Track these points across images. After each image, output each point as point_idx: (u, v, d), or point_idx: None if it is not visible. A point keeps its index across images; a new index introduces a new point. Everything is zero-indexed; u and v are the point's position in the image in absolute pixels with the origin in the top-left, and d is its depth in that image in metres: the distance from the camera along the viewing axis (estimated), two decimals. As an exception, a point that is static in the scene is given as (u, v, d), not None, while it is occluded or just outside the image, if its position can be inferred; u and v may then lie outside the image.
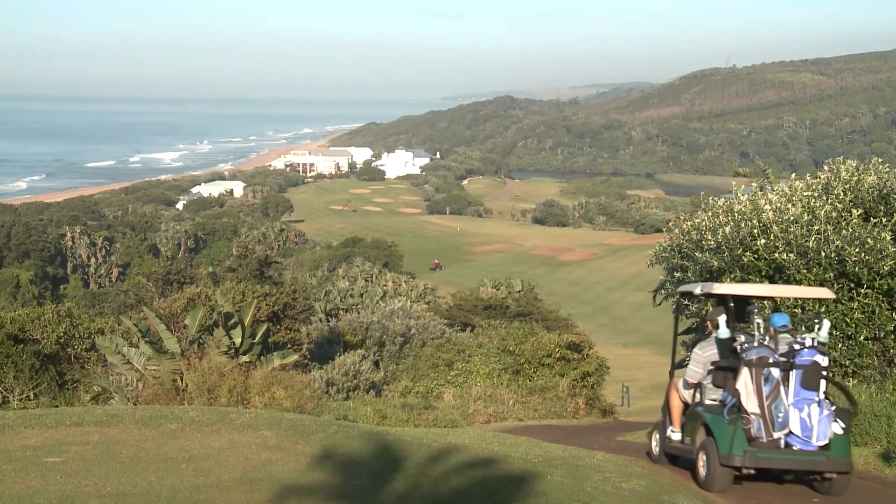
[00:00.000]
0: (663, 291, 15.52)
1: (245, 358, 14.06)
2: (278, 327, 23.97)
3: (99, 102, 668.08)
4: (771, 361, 8.04)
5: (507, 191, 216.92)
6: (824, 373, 8.00)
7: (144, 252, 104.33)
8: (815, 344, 8.07)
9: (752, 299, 9.21)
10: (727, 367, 8.28)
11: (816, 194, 13.83)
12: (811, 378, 7.96)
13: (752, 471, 8.06)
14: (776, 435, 8.01)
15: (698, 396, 8.88)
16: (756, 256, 13.16)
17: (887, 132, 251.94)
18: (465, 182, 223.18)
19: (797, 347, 8.05)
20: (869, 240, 12.25)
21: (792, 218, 13.13)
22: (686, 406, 9.08)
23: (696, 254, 14.25)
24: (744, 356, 8.14)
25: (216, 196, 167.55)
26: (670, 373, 9.61)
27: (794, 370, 7.99)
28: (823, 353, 8.05)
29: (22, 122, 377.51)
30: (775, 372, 8.03)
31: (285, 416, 9.30)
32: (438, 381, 20.95)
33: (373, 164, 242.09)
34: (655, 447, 9.65)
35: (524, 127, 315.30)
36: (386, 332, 32.28)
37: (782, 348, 8.16)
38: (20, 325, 19.60)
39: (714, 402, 8.55)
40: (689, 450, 8.76)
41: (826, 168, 14.67)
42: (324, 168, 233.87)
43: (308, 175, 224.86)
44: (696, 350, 8.86)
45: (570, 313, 52.70)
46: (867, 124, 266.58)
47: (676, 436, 9.18)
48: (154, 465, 7.23)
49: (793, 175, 15.08)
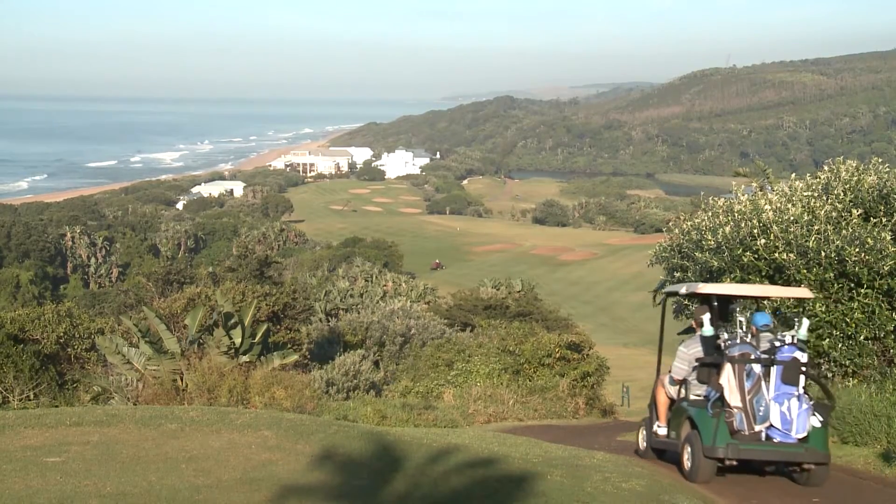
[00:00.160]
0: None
1: (245, 358, 14.06)
2: (278, 327, 23.98)
3: (99, 102, 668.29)
4: (753, 358, 8.35)
5: (507, 191, 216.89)
6: (803, 369, 8.32)
7: (144, 252, 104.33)
8: (795, 341, 8.39)
9: (735, 299, 9.49)
10: (711, 364, 8.58)
11: (816, 194, 13.83)
12: (791, 373, 8.27)
13: (735, 462, 8.34)
14: (757, 428, 8.31)
15: (683, 392, 9.17)
16: (756, 256, 13.16)
17: (887, 132, 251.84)
18: (465, 182, 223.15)
19: (778, 344, 8.37)
20: (869, 240, 12.24)
21: (792, 218, 13.13)
22: (672, 402, 9.37)
23: (696, 254, 14.25)
24: (727, 353, 8.45)
25: (216, 196, 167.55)
26: (657, 370, 9.92)
27: (775, 366, 8.30)
28: (803, 350, 8.37)
29: (23, 122, 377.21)
30: (757, 368, 8.33)
31: (285, 416, 9.30)
32: (438, 381, 20.95)
33: (373, 164, 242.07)
34: (642, 442, 9.97)
35: (524, 127, 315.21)
36: (386, 332, 32.28)
37: (764, 346, 8.46)
38: (20, 325, 19.60)
39: (698, 398, 8.84)
40: (675, 443, 9.03)
41: (826, 168, 14.66)
42: (324, 168, 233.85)
43: (308, 175, 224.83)
44: (681, 347, 9.17)
45: (570, 313, 52.70)
46: (867, 124, 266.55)
47: (662, 431, 9.46)
48: (154, 466, 7.23)
49: (793, 175, 15.07)
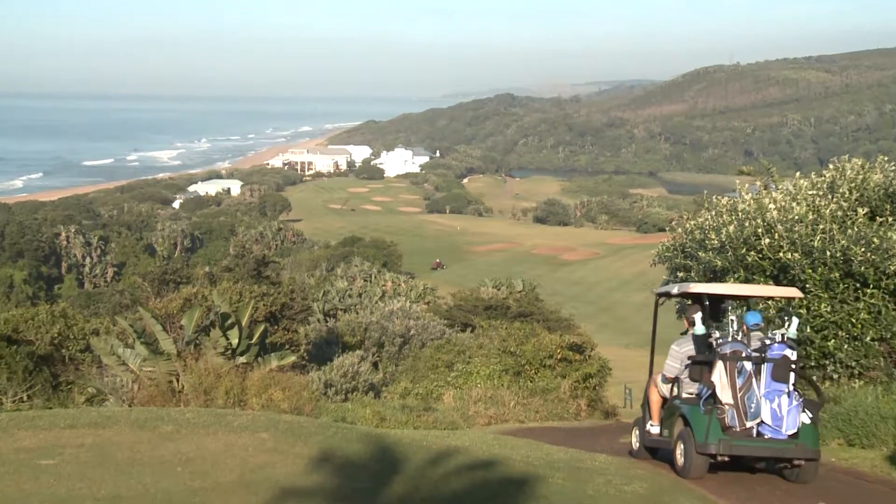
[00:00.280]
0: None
1: (242, 359, 14.04)
2: (276, 328, 23.97)
3: (97, 99, 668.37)
4: (744, 355, 8.60)
5: (508, 189, 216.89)
6: (793, 366, 8.57)
7: (140, 252, 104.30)
8: (785, 339, 8.64)
9: (726, 298, 9.73)
10: (703, 362, 8.86)
11: (821, 193, 13.82)
12: (781, 371, 8.52)
13: (727, 458, 8.61)
14: (749, 424, 8.54)
15: (676, 391, 9.44)
16: (760, 256, 13.16)
17: (893, 130, 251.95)
18: (466, 181, 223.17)
19: (768, 343, 8.64)
20: (875, 239, 12.24)
21: (796, 217, 13.13)
22: (664, 401, 9.62)
23: (700, 253, 14.25)
24: (718, 350, 8.70)
25: (213, 195, 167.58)
26: (650, 370, 10.21)
27: (766, 364, 8.55)
28: (793, 348, 8.62)
29: (19, 120, 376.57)
30: (748, 365, 8.57)
31: (283, 418, 9.29)
32: (438, 383, 20.95)
33: (372, 163, 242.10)
34: (635, 442, 10.21)
35: (525, 125, 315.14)
36: (385, 333, 32.26)
37: (755, 344, 8.73)
38: (14, 326, 19.57)
39: (691, 396, 9.13)
40: (668, 441, 9.28)
41: (831, 166, 14.67)
42: (322, 166, 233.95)
43: (306, 174, 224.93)
44: (674, 346, 9.41)
45: (572, 314, 52.65)
46: (873, 122, 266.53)
47: (655, 429, 9.68)
48: (149, 468, 7.22)
49: (797, 173, 15.07)
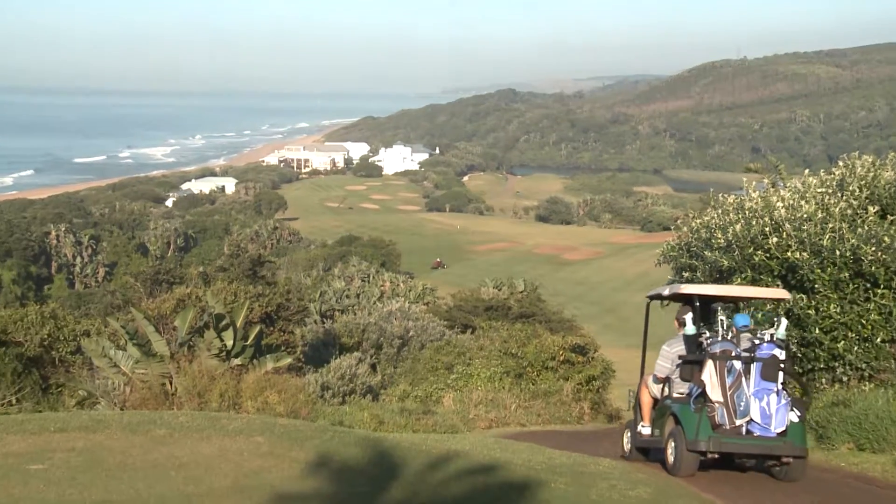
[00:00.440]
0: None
1: (237, 361, 14.04)
2: (271, 329, 23.96)
3: (90, 95, 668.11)
4: (733, 354, 8.98)
5: (509, 187, 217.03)
6: (782, 366, 8.93)
7: (132, 251, 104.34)
8: (774, 339, 9.00)
9: (716, 299, 10.10)
10: (693, 361, 9.24)
11: (831, 191, 13.82)
12: (770, 370, 8.88)
13: (716, 455, 9.00)
14: (738, 422, 8.91)
15: (667, 391, 9.83)
16: (768, 255, 13.16)
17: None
18: (466, 178, 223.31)
19: (757, 342, 9.01)
20: (886, 238, 12.23)
21: (805, 215, 13.13)
22: (655, 402, 10.04)
23: (706, 253, 14.25)
24: (708, 350, 9.12)
25: (207, 193, 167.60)
26: (641, 372, 10.60)
27: (755, 363, 8.91)
28: (781, 348, 8.99)
29: (10, 115, 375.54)
30: (737, 364, 8.95)
31: (279, 422, 9.29)
32: (438, 385, 20.96)
33: (370, 160, 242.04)
34: (627, 444, 10.61)
35: (527, 121, 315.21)
36: (383, 334, 32.27)
37: (744, 345, 9.08)
38: (2, 327, 19.58)
39: (681, 395, 9.50)
40: (659, 441, 9.67)
41: (841, 163, 14.66)
42: (319, 164, 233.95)
43: (302, 171, 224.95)
44: (664, 347, 9.83)
45: (575, 314, 52.74)
46: (884, 118, 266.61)
47: (646, 430, 10.09)
48: (142, 473, 7.22)
49: (806, 171, 15.07)
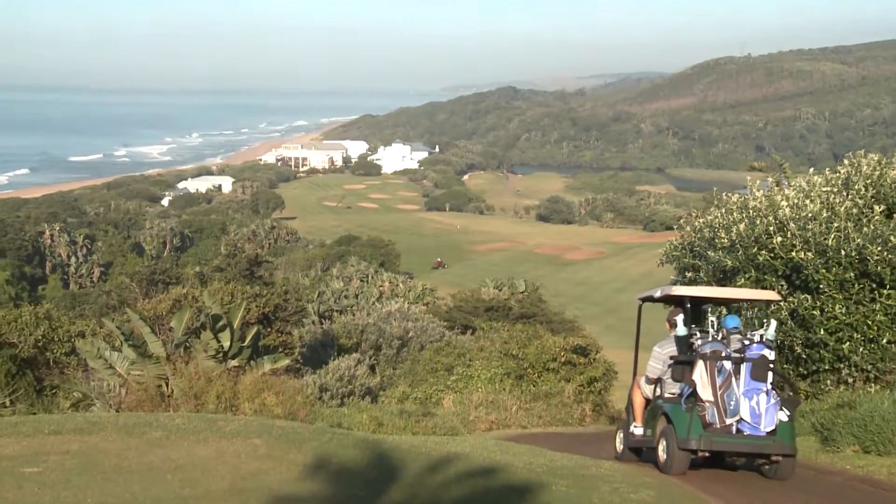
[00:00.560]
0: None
1: (234, 362, 14.05)
2: (269, 330, 23.96)
3: (87, 93, 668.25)
4: (723, 355, 9.25)
5: (510, 186, 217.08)
6: (771, 366, 9.19)
7: (128, 251, 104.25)
8: (764, 340, 9.28)
9: (707, 301, 10.38)
10: (684, 361, 9.48)
11: (836, 190, 13.82)
12: (760, 370, 9.14)
13: (707, 453, 9.24)
14: (728, 421, 9.16)
15: (658, 391, 10.09)
16: (772, 255, 13.17)
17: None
18: (466, 177, 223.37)
19: (747, 343, 9.28)
20: (892, 237, 12.24)
21: (810, 215, 13.13)
22: (647, 403, 10.29)
23: (709, 252, 14.26)
24: (699, 350, 9.37)
25: (203, 192, 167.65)
26: (633, 374, 10.82)
27: (745, 363, 9.17)
28: (771, 349, 9.25)
29: (6, 114, 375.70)
30: (727, 364, 9.21)
31: (276, 424, 9.29)
32: (438, 387, 20.97)
33: (368, 159, 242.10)
34: (619, 445, 10.86)
35: (528, 119, 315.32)
36: (382, 335, 32.29)
37: (734, 345, 9.36)
38: (-4, 328, 19.58)
39: (673, 396, 9.77)
40: (651, 440, 9.93)
41: (846, 162, 14.66)
42: (317, 162, 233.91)
43: (300, 170, 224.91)
44: (656, 348, 10.12)
45: (576, 315, 52.73)
46: (890, 115, 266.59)
47: (639, 430, 10.35)
48: (138, 476, 7.22)
49: (811, 169, 15.09)
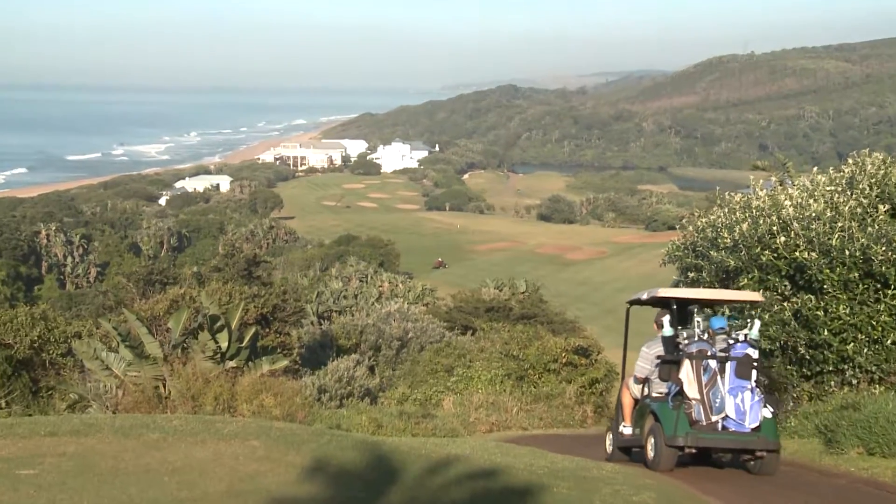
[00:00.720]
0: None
1: (232, 363, 14.06)
2: (267, 331, 23.96)
3: (85, 91, 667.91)
4: (709, 354, 9.61)
5: (511, 185, 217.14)
6: (755, 364, 9.56)
7: (124, 251, 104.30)
8: (748, 339, 9.64)
9: (693, 302, 10.64)
10: (671, 361, 9.82)
11: (840, 189, 13.83)
12: (744, 368, 9.51)
13: (694, 450, 9.57)
14: (714, 418, 9.53)
15: (647, 391, 10.44)
16: (775, 255, 13.17)
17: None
18: (466, 176, 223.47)
19: (732, 342, 9.64)
20: (896, 237, 12.24)
21: (814, 214, 13.14)
22: (636, 403, 10.64)
23: (712, 252, 14.26)
24: (685, 350, 9.73)
25: (201, 191, 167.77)
26: (622, 375, 11.19)
27: (729, 362, 9.53)
28: (755, 348, 9.64)
29: (4, 112, 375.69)
30: (713, 363, 9.56)
31: (275, 425, 9.29)
32: (437, 388, 20.98)
33: (368, 158, 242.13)
34: (609, 446, 11.21)
35: (528, 118, 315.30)
36: (382, 336, 32.30)
37: (720, 345, 9.71)
38: (-8, 329, 19.57)
39: (660, 395, 10.15)
40: (640, 439, 10.28)
41: (850, 161, 14.67)
42: (315, 161, 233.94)
43: (299, 169, 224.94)
44: (644, 348, 10.47)
45: (578, 315, 52.73)
46: (895, 114, 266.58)
47: (628, 430, 10.70)
48: (134, 478, 7.22)
49: (815, 168, 15.09)
